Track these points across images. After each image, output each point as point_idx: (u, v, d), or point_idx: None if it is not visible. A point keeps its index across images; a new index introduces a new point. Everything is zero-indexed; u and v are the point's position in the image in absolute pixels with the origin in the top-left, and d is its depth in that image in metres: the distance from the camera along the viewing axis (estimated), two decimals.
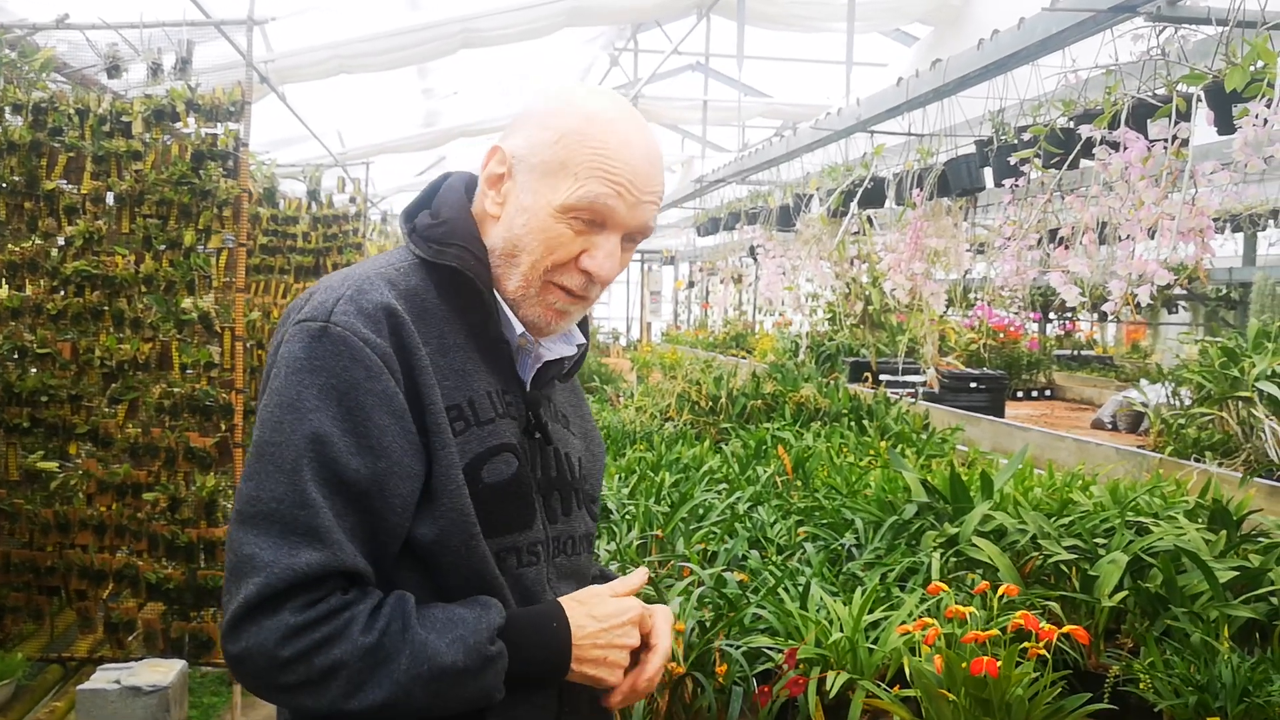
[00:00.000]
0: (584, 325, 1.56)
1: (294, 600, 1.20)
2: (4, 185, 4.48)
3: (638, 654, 1.44)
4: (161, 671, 3.99)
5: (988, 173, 4.92)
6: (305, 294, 1.38)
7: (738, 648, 2.38)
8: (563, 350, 1.49)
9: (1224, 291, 10.62)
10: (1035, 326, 13.01)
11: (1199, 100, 3.21)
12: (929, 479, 3.34)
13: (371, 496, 1.25)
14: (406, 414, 1.28)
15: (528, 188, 1.37)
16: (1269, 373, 4.73)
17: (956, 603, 2.19)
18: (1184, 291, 10.34)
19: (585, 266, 1.37)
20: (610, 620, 1.38)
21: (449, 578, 1.31)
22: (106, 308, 4.45)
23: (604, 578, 1.62)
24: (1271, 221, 9.60)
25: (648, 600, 2.61)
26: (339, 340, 1.26)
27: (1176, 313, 12.05)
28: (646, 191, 1.38)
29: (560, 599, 1.39)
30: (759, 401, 5.79)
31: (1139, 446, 5.29)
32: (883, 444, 4.84)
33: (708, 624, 2.44)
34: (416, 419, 1.29)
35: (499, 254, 1.40)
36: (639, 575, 1.49)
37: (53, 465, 4.53)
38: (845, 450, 4.71)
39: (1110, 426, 8.12)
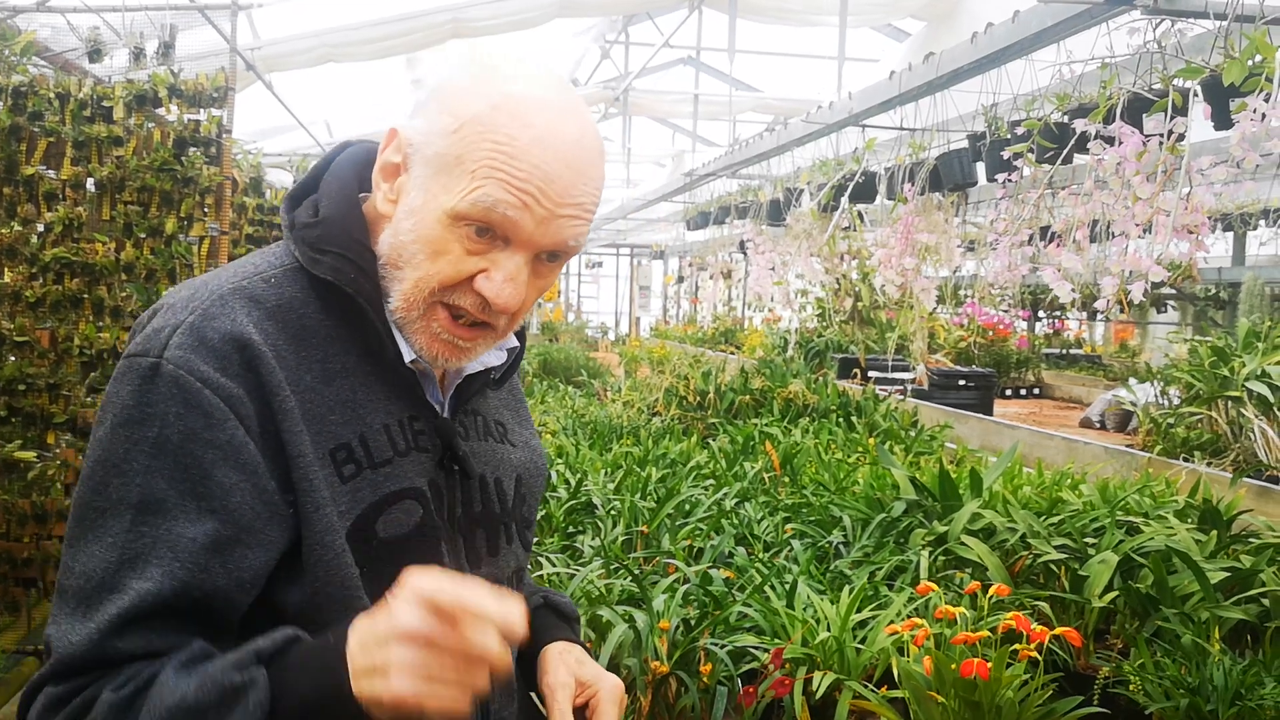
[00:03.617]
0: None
1: (57, 678, 1.02)
2: None
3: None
4: None
5: (980, 168, 4.90)
6: (151, 309, 1.14)
7: (723, 646, 2.34)
8: (488, 360, 1.25)
9: (1213, 291, 10.63)
10: (1024, 325, 13.02)
11: (1195, 95, 3.18)
12: (918, 476, 3.30)
13: (211, 569, 1.03)
14: (261, 468, 1.05)
15: (419, 184, 1.11)
16: (1259, 372, 4.70)
17: (945, 602, 2.15)
18: (1174, 290, 10.36)
19: (480, 289, 1.12)
20: (389, 623, 0.98)
21: None
22: (86, 295, 4.40)
23: (551, 607, 1.40)
24: (1263, 221, 9.60)
25: (631, 601, 2.57)
26: (171, 382, 1.03)
27: (1165, 312, 12.06)
28: (565, 203, 1.10)
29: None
30: (747, 397, 5.76)
31: (1127, 445, 5.27)
32: (871, 441, 4.81)
33: (692, 622, 2.39)
34: (278, 475, 1.06)
35: (385, 263, 1.15)
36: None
37: (31, 455, 4.47)
38: (833, 447, 4.67)
39: (1099, 425, 8.13)
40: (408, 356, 1.16)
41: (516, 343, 1.31)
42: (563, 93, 1.13)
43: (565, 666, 1.27)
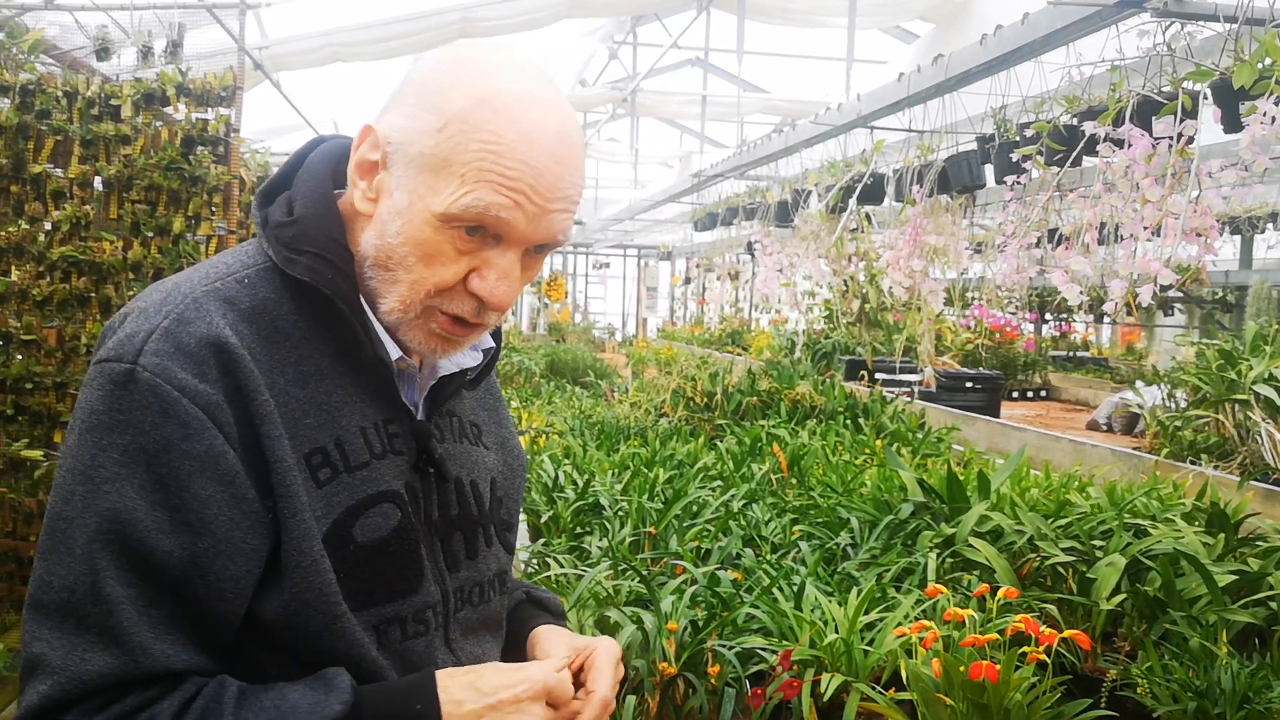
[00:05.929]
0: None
1: (81, 705, 0.99)
2: None
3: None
4: None
5: (989, 170, 4.89)
6: (121, 313, 1.11)
7: (731, 648, 2.33)
8: (464, 361, 1.23)
9: (1220, 294, 10.61)
10: (1031, 327, 13.00)
11: (1205, 98, 3.18)
12: (925, 478, 3.29)
13: (191, 581, 1.01)
14: (240, 477, 1.04)
15: (403, 184, 1.09)
16: (1266, 375, 4.68)
17: (954, 604, 2.15)
18: (1181, 293, 10.33)
19: (474, 290, 1.11)
20: (499, 694, 1.08)
21: (311, 659, 1.08)
22: (93, 294, 4.40)
23: (534, 601, 1.42)
24: (1270, 224, 9.58)
25: (639, 602, 2.57)
26: (147, 390, 1.01)
27: (1172, 315, 12.04)
28: (555, 198, 1.09)
29: (439, 671, 1.12)
30: (754, 399, 5.75)
31: (1134, 448, 5.25)
32: (878, 442, 4.80)
33: (700, 623, 2.39)
34: (258, 481, 1.05)
35: (371, 264, 1.13)
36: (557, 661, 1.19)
37: (37, 454, 4.47)
38: (841, 448, 4.66)
39: (1106, 428, 8.10)
40: (394, 355, 1.15)
41: (492, 343, 1.29)
42: (543, 83, 1.11)
43: (560, 637, 1.29)
